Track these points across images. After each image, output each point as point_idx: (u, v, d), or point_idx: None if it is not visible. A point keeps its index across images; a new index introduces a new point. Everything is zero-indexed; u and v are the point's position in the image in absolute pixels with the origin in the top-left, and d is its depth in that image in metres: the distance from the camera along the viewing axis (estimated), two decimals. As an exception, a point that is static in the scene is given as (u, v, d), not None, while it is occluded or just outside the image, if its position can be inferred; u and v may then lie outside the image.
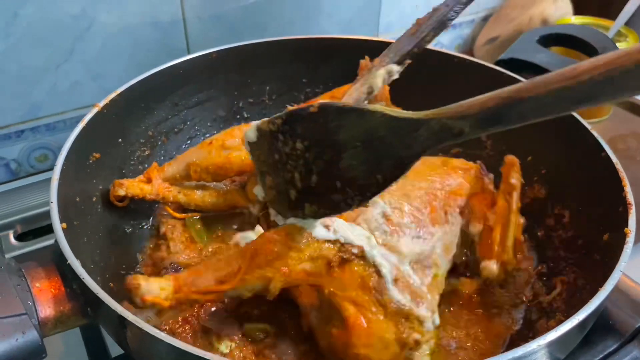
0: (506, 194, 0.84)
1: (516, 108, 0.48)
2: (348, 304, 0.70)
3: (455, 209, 0.84)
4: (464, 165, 0.91)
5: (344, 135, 0.59)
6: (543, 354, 0.59)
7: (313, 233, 0.71)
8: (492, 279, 0.81)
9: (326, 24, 1.45)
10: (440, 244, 0.79)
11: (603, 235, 0.79)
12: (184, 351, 0.57)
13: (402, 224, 0.78)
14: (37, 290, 0.67)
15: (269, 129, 0.66)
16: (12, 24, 1.08)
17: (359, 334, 0.68)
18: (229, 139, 0.93)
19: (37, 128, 1.21)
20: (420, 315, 0.71)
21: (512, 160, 0.86)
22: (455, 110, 0.51)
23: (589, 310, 0.61)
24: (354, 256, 0.71)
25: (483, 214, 0.86)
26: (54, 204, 0.72)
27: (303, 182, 0.65)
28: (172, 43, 1.26)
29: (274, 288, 0.69)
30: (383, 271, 0.71)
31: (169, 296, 0.68)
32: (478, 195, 0.88)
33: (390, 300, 0.70)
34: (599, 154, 0.84)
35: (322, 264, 0.70)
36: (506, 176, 0.85)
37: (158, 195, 0.93)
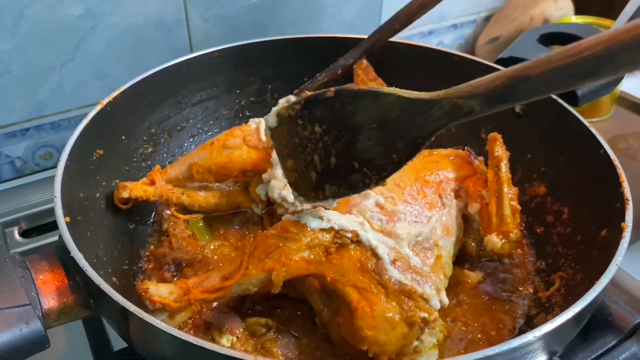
0: (494, 168, 0.87)
1: (523, 85, 0.49)
2: (351, 288, 0.71)
3: (449, 192, 0.87)
4: (451, 152, 0.95)
5: (360, 118, 0.61)
6: (539, 345, 0.60)
7: (307, 224, 0.73)
8: (497, 252, 0.81)
9: (328, 24, 1.46)
10: (440, 226, 0.82)
11: (601, 231, 0.79)
12: (185, 342, 0.57)
13: (397, 211, 0.80)
14: (40, 282, 0.68)
15: (288, 114, 0.68)
16: (18, 24, 1.10)
17: (364, 316, 0.69)
18: (230, 139, 0.94)
19: (42, 126, 1.23)
20: (424, 293, 0.72)
21: (494, 136, 0.90)
22: (465, 90, 0.53)
23: (584, 303, 0.62)
24: (349, 241, 0.73)
25: (479, 194, 0.88)
26: (57, 198, 0.74)
27: (323, 164, 0.67)
28: (175, 42, 1.27)
29: (276, 279, 0.71)
30: (380, 252, 0.73)
31: (178, 298, 0.70)
32: (471, 177, 0.91)
33: (389, 279, 0.71)
34: (598, 151, 0.85)
35: (320, 252, 0.72)
36: (491, 151, 0.89)
37: (162, 197, 0.94)
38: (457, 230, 0.85)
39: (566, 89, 0.50)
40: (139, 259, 0.93)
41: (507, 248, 0.81)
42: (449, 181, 0.89)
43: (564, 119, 0.94)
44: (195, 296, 0.71)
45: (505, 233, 0.81)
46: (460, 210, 0.87)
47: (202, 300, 0.72)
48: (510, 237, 0.81)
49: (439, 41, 1.71)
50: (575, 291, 0.78)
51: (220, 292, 0.72)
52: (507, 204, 0.83)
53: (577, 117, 0.91)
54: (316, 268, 0.72)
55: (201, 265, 0.90)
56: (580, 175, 0.90)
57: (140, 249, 0.95)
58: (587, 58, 0.45)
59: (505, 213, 0.82)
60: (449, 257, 0.81)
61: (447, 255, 0.81)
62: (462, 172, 0.91)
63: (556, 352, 0.66)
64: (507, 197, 0.83)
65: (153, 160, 1.04)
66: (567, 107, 0.94)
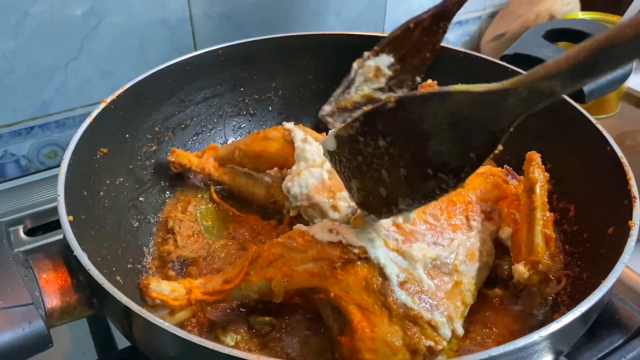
0: (528, 190, 0.80)
1: (614, 52, 0.45)
2: (353, 307, 0.69)
3: (478, 214, 0.81)
4: (486, 170, 0.89)
5: (428, 123, 0.57)
6: (545, 345, 0.59)
7: (316, 235, 0.72)
8: (524, 283, 0.75)
9: (332, 21, 1.45)
10: (463, 250, 0.76)
11: (608, 229, 0.78)
12: (188, 341, 0.57)
13: (414, 231, 0.76)
14: (44, 282, 0.68)
15: (347, 134, 0.64)
16: (23, 23, 1.10)
17: (363, 337, 0.67)
18: (272, 132, 0.98)
19: (47, 125, 1.23)
20: (432, 320, 0.68)
21: (531, 155, 0.83)
22: (542, 73, 0.49)
23: (591, 302, 0.61)
24: (356, 257, 0.70)
25: (512, 217, 0.82)
26: (61, 197, 0.73)
27: (392, 177, 0.63)
28: (179, 41, 1.27)
29: (277, 289, 0.70)
30: (387, 272, 0.70)
31: (179, 297, 0.70)
32: (506, 199, 0.84)
33: (395, 302, 0.68)
34: (605, 148, 0.84)
35: (324, 265, 0.70)
36: (526, 171, 0.82)
37: (204, 170, 1.01)
38: (486, 255, 0.79)
39: None
40: (143, 257, 0.93)
41: (535, 280, 0.74)
42: (480, 202, 0.83)
43: (570, 115, 0.93)
44: (196, 297, 0.71)
45: (534, 263, 0.75)
46: (491, 234, 0.82)
47: (202, 302, 0.72)
48: (539, 268, 0.74)
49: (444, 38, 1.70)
50: (581, 290, 0.77)
51: (220, 295, 0.72)
52: (538, 231, 0.76)
53: (584, 114, 0.90)
54: (320, 282, 0.70)
55: (206, 264, 0.90)
56: (586, 172, 0.89)
57: (145, 247, 0.95)
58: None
59: (535, 241, 0.76)
60: (471, 285, 0.75)
61: (469, 282, 0.75)
62: (497, 193, 0.85)
63: (562, 352, 0.65)
64: (539, 224, 0.77)
65: (157, 158, 1.04)
66: (574, 104, 0.93)
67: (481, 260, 0.78)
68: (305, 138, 0.92)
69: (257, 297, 0.73)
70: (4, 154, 1.22)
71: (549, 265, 0.75)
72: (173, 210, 1.01)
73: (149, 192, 1.01)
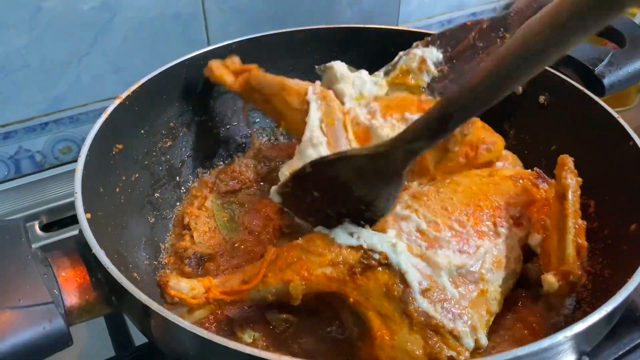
0: (560, 197, 0.76)
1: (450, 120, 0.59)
2: (373, 314, 0.68)
3: (506, 220, 0.79)
4: (516, 173, 0.86)
5: (344, 177, 0.70)
6: (570, 345, 0.58)
7: (336, 239, 0.71)
8: (554, 293, 0.72)
9: (346, 14, 1.44)
10: (489, 258, 0.74)
11: (630, 225, 0.77)
12: (207, 340, 0.57)
13: (439, 238, 0.74)
14: (63, 279, 0.68)
15: (284, 191, 0.78)
16: (36, 18, 1.09)
17: (383, 345, 0.66)
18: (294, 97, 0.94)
19: (61, 120, 1.23)
20: (454, 330, 0.67)
21: (563, 159, 0.79)
22: (409, 136, 0.63)
23: (617, 302, 0.60)
24: (377, 263, 0.69)
25: (542, 224, 0.79)
26: (78, 194, 0.73)
27: (336, 213, 0.74)
28: (192, 35, 1.26)
29: (294, 291, 0.69)
30: (409, 279, 0.68)
31: (197, 295, 0.70)
32: (536, 204, 0.82)
33: (416, 309, 0.67)
34: (627, 142, 0.83)
35: (344, 270, 0.69)
36: (557, 176, 0.78)
37: (234, 89, 1.01)
38: (513, 263, 0.76)
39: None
40: (160, 254, 0.93)
41: (566, 290, 0.72)
42: (508, 207, 0.80)
43: (590, 109, 0.92)
44: (215, 296, 0.70)
45: (564, 274, 0.71)
46: (520, 240, 0.79)
47: (220, 301, 0.71)
48: (570, 279, 0.71)
49: (458, 30, 1.68)
50: (603, 287, 0.76)
51: (237, 295, 0.71)
52: (570, 240, 0.73)
53: (605, 108, 0.89)
54: (338, 287, 0.69)
55: (224, 260, 0.90)
56: (607, 167, 0.88)
57: (161, 243, 0.95)
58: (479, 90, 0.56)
59: (567, 251, 0.73)
60: (497, 293, 0.73)
61: (495, 291, 0.73)
62: (526, 197, 0.82)
63: (585, 352, 0.64)
64: (570, 232, 0.73)
65: (172, 154, 1.04)
66: (594, 97, 0.92)
67: (508, 268, 0.76)
68: (311, 137, 0.88)
69: (274, 299, 0.72)
70: (18, 150, 1.22)
71: (580, 276, 0.72)
72: (189, 206, 1.01)
73: (164, 188, 1.01)
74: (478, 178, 0.84)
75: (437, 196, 0.80)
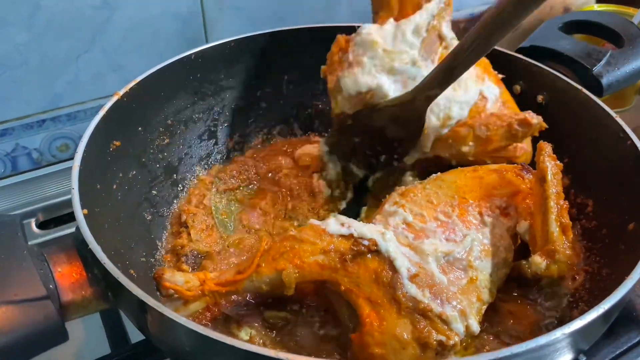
0: (540, 180, 0.78)
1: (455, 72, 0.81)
2: (363, 301, 0.68)
3: (492, 210, 0.80)
4: (500, 167, 0.87)
5: (377, 123, 0.94)
6: (567, 343, 0.58)
7: (327, 229, 0.72)
8: (543, 274, 0.73)
9: (345, 13, 1.44)
10: (477, 246, 0.75)
11: (628, 224, 0.77)
12: (204, 336, 0.57)
13: (425, 228, 0.76)
14: (59, 275, 0.67)
15: (331, 142, 1.01)
16: (35, 15, 1.09)
17: (371, 332, 0.67)
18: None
19: (59, 118, 1.22)
20: (442, 314, 0.67)
21: (541, 145, 0.82)
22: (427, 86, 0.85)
23: (614, 300, 0.60)
24: (366, 249, 0.70)
25: (529, 211, 0.80)
26: (75, 190, 0.73)
27: (373, 151, 0.99)
28: (191, 33, 1.26)
29: (287, 279, 0.70)
30: (397, 265, 0.69)
31: (192, 288, 0.70)
32: (522, 193, 0.83)
33: (404, 294, 0.67)
34: (625, 142, 0.83)
35: (335, 258, 0.70)
36: (537, 162, 0.81)
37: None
38: (504, 251, 0.77)
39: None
40: (157, 251, 0.93)
41: (554, 270, 0.73)
42: (494, 198, 0.81)
43: (588, 109, 0.92)
44: (209, 287, 0.71)
45: (550, 252, 0.73)
46: (509, 229, 0.80)
47: (215, 292, 0.71)
48: (556, 257, 0.72)
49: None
50: (601, 286, 0.76)
51: (232, 285, 0.72)
52: (552, 219, 0.74)
53: (603, 108, 0.89)
54: (330, 274, 0.70)
55: (221, 257, 0.90)
56: (605, 167, 0.88)
57: (158, 241, 0.94)
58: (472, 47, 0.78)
59: (550, 230, 0.74)
60: (487, 281, 0.74)
61: (485, 279, 0.73)
62: (511, 188, 0.83)
63: (583, 350, 0.64)
64: (553, 212, 0.74)
65: (170, 151, 1.03)
66: (593, 97, 0.92)
67: (498, 256, 0.76)
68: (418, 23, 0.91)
69: (268, 289, 0.72)
70: (15, 147, 1.22)
71: (566, 253, 0.72)
72: (186, 204, 1.00)
73: (161, 185, 1.00)
74: (463, 173, 0.86)
75: (423, 192, 0.82)
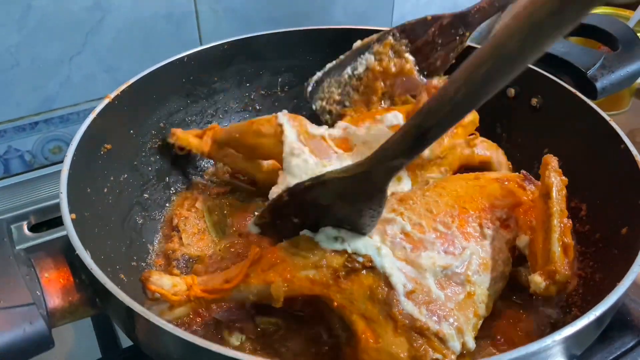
0: (544, 196, 0.76)
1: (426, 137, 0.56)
2: (357, 317, 0.67)
3: (492, 221, 0.78)
4: (502, 175, 0.86)
5: (322, 201, 0.69)
6: (559, 349, 0.58)
7: (320, 243, 0.70)
8: (541, 294, 0.72)
9: (340, 15, 1.43)
10: (476, 260, 0.74)
11: (621, 229, 0.77)
12: (191, 343, 0.56)
13: (423, 239, 0.74)
14: (45, 281, 0.67)
15: (262, 222, 0.76)
16: (26, 16, 1.08)
17: (367, 349, 0.65)
18: (266, 126, 0.93)
19: (51, 120, 1.21)
20: (439, 332, 0.66)
21: (547, 159, 0.79)
22: (389, 155, 0.60)
23: (606, 306, 0.59)
24: (361, 266, 0.69)
25: (530, 225, 0.79)
26: (63, 194, 0.72)
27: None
28: (184, 35, 1.25)
29: (276, 293, 0.68)
30: (393, 281, 0.67)
31: (179, 292, 0.69)
32: (523, 205, 0.81)
33: (400, 312, 0.66)
34: (618, 145, 0.82)
35: (328, 274, 0.69)
36: (542, 176, 0.78)
37: (203, 152, 0.99)
38: (502, 265, 0.76)
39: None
40: (148, 255, 0.92)
41: (553, 290, 0.71)
42: (495, 209, 0.79)
43: (583, 112, 0.91)
44: (195, 293, 0.70)
45: (550, 273, 0.71)
46: (507, 242, 0.78)
47: (201, 299, 0.70)
48: (556, 278, 0.70)
49: (452, 33, 1.68)
50: (594, 291, 0.76)
51: (218, 294, 0.71)
52: (555, 239, 0.72)
53: (597, 111, 0.88)
54: (322, 290, 0.68)
55: (213, 261, 0.89)
56: (598, 170, 0.87)
57: (149, 245, 0.94)
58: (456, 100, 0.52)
59: (552, 249, 0.72)
60: (485, 296, 0.72)
61: (482, 294, 0.72)
62: (513, 199, 0.81)
63: (575, 356, 0.63)
64: (556, 231, 0.73)
65: (162, 154, 1.03)
66: (587, 100, 0.91)
67: (496, 270, 0.75)
68: (292, 149, 0.88)
69: (256, 300, 0.71)
70: (8, 150, 1.21)
71: (566, 275, 0.71)
72: (178, 208, 1.00)
73: (153, 188, 1.00)
74: (464, 181, 0.84)
75: (422, 199, 0.79)
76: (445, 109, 0.53)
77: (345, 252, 0.69)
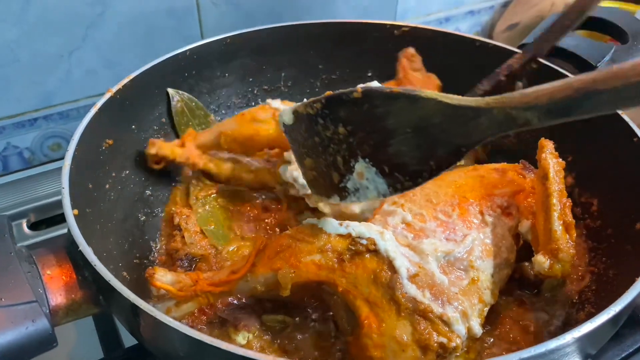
0: (542, 178, 0.75)
1: (592, 100, 0.46)
2: (362, 302, 0.66)
3: (493, 209, 0.78)
4: (500, 166, 0.85)
5: (392, 122, 0.57)
6: (575, 347, 0.56)
7: (324, 227, 0.70)
8: (546, 274, 0.70)
9: (343, 9, 1.42)
10: (478, 246, 0.73)
11: (635, 224, 0.75)
12: (198, 340, 0.55)
13: (425, 228, 0.73)
14: (48, 278, 0.65)
15: (306, 112, 0.63)
16: (26, 11, 1.06)
17: (369, 333, 0.64)
18: (261, 112, 0.92)
19: (51, 116, 1.20)
20: (443, 315, 0.65)
21: (542, 142, 0.79)
22: (520, 100, 0.50)
23: (625, 302, 0.58)
24: (365, 249, 0.68)
25: (531, 210, 0.78)
26: (65, 189, 0.71)
27: (346, 166, 0.63)
28: (186, 30, 1.24)
29: (283, 280, 0.67)
30: (397, 264, 0.67)
31: (184, 288, 0.68)
32: (523, 192, 0.80)
33: (403, 295, 0.65)
34: (631, 139, 0.81)
35: (332, 258, 0.68)
36: (538, 159, 0.78)
37: (188, 160, 0.94)
38: (505, 251, 0.75)
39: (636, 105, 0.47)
40: (151, 252, 0.91)
41: (558, 270, 0.70)
42: (495, 197, 0.79)
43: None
44: (202, 288, 0.69)
45: (553, 251, 0.70)
46: (510, 229, 0.77)
47: (208, 293, 0.69)
48: (559, 256, 0.69)
49: (455, 28, 1.67)
50: (608, 288, 0.74)
51: (226, 285, 0.69)
52: (555, 217, 0.71)
53: (608, 104, 0.87)
54: (327, 275, 0.67)
55: (217, 260, 0.87)
56: (610, 165, 0.86)
57: (152, 242, 0.92)
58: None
59: (553, 228, 0.71)
60: (489, 282, 0.71)
61: (486, 280, 0.71)
62: (513, 187, 0.81)
63: (590, 354, 0.62)
64: (555, 210, 0.72)
65: (164, 150, 1.01)
66: (597, 93, 0.89)
67: (500, 257, 0.74)
68: None
69: (263, 290, 0.70)
70: (6, 146, 1.19)
71: (570, 252, 0.70)
72: (179, 206, 0.98)
73: (156, 185, 0.98)
74: (463, 172, 0.84)
75: (422, 190, 0.79)
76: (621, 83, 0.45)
77: (349, 236, 0.69)
